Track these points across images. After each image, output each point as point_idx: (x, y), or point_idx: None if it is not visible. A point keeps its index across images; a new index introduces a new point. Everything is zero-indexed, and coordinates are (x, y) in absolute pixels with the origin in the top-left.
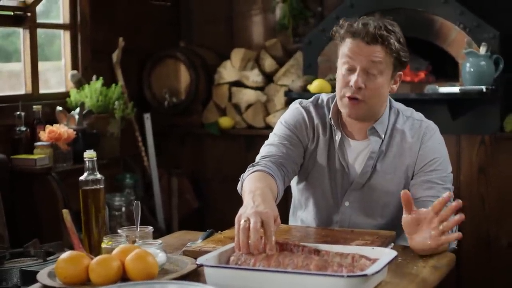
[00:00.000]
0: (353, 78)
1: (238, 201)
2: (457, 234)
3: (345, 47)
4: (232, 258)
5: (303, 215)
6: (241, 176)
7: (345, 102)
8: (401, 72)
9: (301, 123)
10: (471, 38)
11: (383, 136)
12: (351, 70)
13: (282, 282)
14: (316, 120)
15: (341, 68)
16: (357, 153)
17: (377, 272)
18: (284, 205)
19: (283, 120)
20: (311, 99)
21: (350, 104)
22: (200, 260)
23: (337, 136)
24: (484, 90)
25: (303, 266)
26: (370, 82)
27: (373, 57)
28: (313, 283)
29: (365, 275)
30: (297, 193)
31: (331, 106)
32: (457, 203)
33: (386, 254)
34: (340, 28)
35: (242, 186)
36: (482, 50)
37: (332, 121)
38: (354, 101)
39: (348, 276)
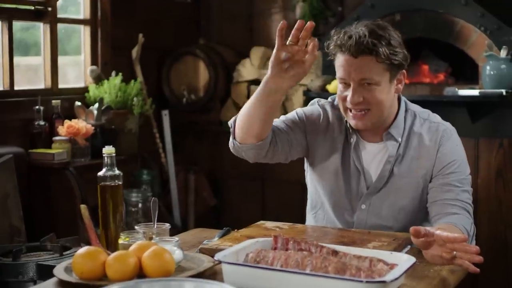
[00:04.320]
0: (349, 94)
1: (255, 200)
2: (474, 268)
3: (337, 62)
4: (250, 255)
5: (319, 217)
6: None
7: (350, 115)
8: (403, 71)
9: (314, 117)
10: (491, 41)
11: (400, 139)
12: (346, 85)
13: (300, 283)
14: (331, 119)
15: (338, 83)
16: (373, 155)
17: (396, 279)
18: (299, 204)
19: (299, 109)
20: (328, 99)
21: (355, 117)
22: (218, 256)
23: (352, 139)
24: (504, 93)
25: (322, 267)
26: (367, 93)
27: (363, 70)
28: (331, 286)
29: (384, 282)
30: (313, 195)
31: None
32: (476, 248)
33: (405, 260)
34: (331, 41)
35: (235, 120)
36: (503, 53)
37: (348, 124)
38: (359, 114)
39: (367, 282)
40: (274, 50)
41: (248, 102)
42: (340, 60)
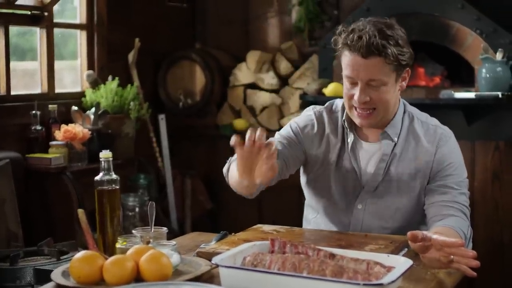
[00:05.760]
0: (356, 93)
1: (251, 204)
2: (471, 272)
3: (345, 60)
4: (248, 258)
5: (316, 218)
6: (229, 159)
7: (355, 114)
8: (407, 69)
9: (308, 129)
10: (487, 44)
11: (395, 139)
12: (353, 84)
13: (298, 287)
14: (327, 129)
15: (345, 81)
16: (370, 155)
17: (393, 282)
18: (296, 208)
19: (293, 122)
20: (325, 105)
21: (360, 116)
22: (215, 259)
23: (350, 139)
24: (500, 96)
25: (319, 271)
26: (374, 93)
27: (372, 71)
28: None
29: (381, 284)
30: (309, 197)
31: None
32: (473, 253)
33: (402, 262)
34: (338, 37)
35: (228, 168)
36: (499, 55)
37: (345, 123)
38: (364, 113)
39: (364, 285)
40: (237, 159)
41: (233, 172)
42: (348, 59)
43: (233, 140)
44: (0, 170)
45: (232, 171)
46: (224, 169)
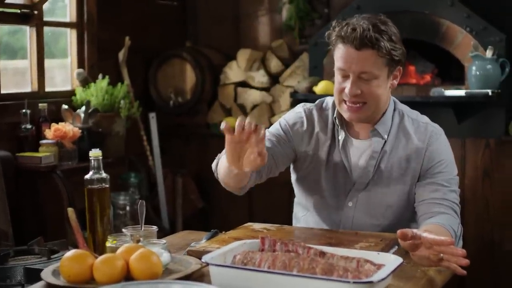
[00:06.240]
0: (348, 85)
1: (242, 202)
2: (461, 271)
3: (338, 53)
4: (238, 257)
5: (306, 216)
6: (218, 155)
7: (345, 107)
8: (399, 67)
9: (298, 127)
10: (477, 41)
11: (385, 136)
12: (345, 77)
13: (287, 285)
14: (317, 127)
15: (337, 74)
16: (361, 152)
17: (383, 279)
18: (287, 206)
19: (282, 119)
20: (316, 103)
21: (350, 109)
22: (205, 258)
23: (341, 136)
24: (490, 93)
25: (309, 269)
26: (365, 87)
27: (364, 63)
28: (319, 287)
29: (371, 282)
30: (299, 195)
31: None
32: (462, 251)
33: (392, 260)
34: (332, 31)
35: (217, 164)
36: (489, 53)
37: (336, 121)
38: (354, 106)
39: (354, 282)
40: (226, 146)
41: (222, 164)
42: (341, 51)
43: (223, 125)
44: None
45: (222, 163)
46: (213, 165)
